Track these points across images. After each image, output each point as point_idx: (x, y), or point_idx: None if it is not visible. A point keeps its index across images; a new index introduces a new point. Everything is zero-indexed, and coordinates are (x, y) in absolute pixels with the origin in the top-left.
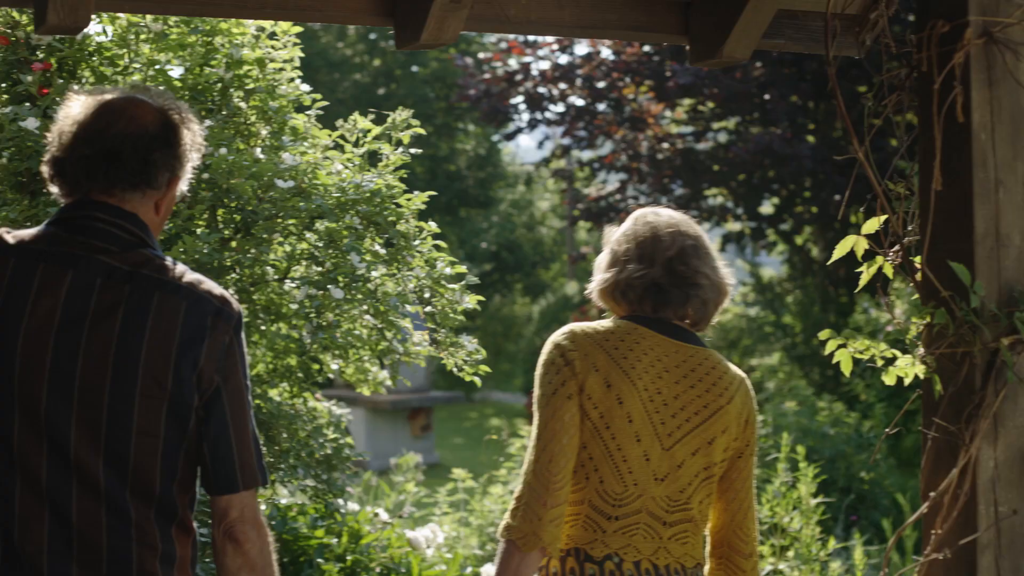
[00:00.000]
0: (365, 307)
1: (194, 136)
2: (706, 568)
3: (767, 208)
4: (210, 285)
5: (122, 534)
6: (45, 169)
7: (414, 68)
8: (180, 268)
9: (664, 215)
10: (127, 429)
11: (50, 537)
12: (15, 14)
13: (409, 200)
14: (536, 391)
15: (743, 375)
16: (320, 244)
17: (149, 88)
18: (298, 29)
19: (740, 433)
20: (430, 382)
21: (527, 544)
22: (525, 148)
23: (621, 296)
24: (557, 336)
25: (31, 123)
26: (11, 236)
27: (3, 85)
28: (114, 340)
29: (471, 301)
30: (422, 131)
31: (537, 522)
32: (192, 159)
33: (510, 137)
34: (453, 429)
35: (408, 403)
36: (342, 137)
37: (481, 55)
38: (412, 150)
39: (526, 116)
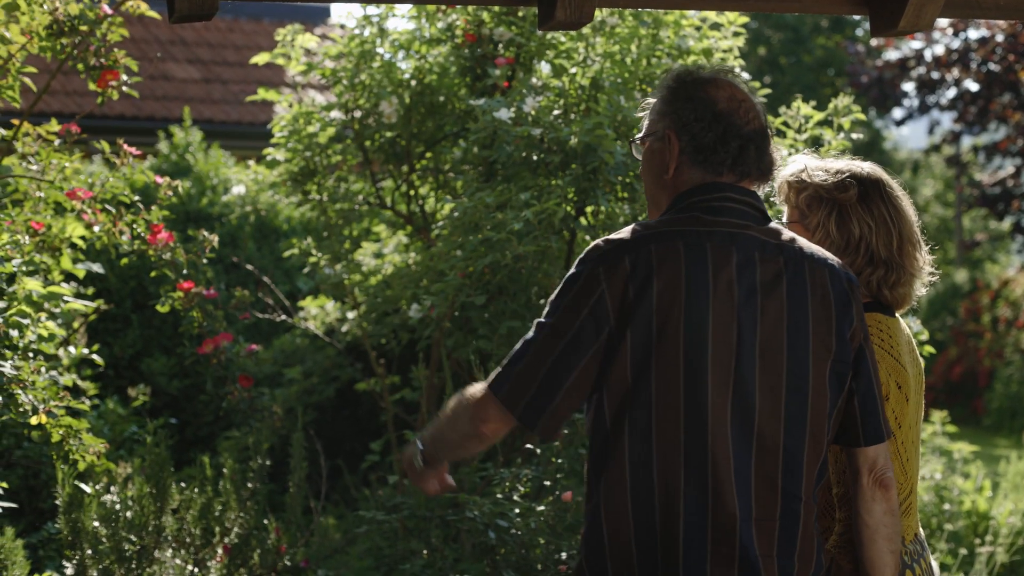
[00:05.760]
0: None
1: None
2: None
3: None
4: (826, 252)
5: (793, 496)
6: (683, 153)
7: (788, 58)
8: (800, 238)
9: None
10: (804, 392)
11: (738, 502)
12: (481, 13)
13: None
14: None
15: None
16: None
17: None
18: (744, 19)
19: None
20: None
21: None
22: (905, 135)
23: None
24: None
25: (503, 114)
26: (642, 227)
27: (467, 79)
28: (784, 308)
29: None
30: (863, 116)
31: None
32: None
33: (900, 123)
34: None
35: None
36: (784, 123)
37: (873, 42)
38: (853, 136)
39: (915, 101)
